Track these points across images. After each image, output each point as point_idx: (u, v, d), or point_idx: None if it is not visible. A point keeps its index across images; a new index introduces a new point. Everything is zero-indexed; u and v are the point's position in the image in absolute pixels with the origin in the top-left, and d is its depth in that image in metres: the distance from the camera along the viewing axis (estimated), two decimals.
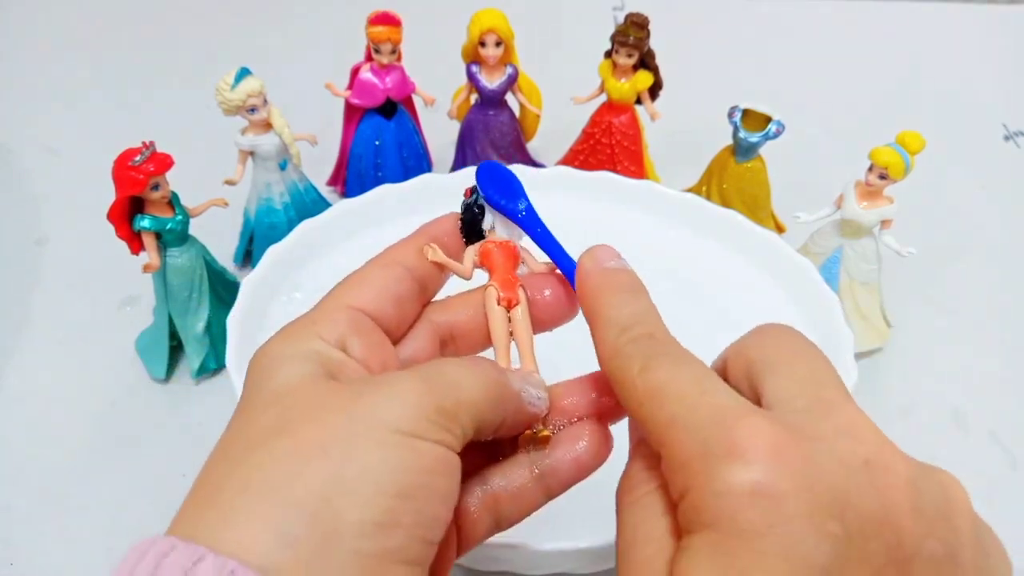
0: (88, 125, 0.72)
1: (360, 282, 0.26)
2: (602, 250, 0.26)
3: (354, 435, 0.20)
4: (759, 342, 0.23)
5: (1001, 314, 0.57)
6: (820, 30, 0.91)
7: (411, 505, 0.20)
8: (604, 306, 0.24)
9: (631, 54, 0.56)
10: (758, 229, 0.51)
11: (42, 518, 0.43)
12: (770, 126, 0.53)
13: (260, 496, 0.19)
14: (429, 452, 0.21)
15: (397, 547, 0.20)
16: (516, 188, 0.29)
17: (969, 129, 0.75)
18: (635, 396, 0.21)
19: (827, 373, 0.22)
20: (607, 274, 0.25)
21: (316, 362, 0.23)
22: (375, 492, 0.19)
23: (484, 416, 0.23)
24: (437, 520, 0.21)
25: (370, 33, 0.55)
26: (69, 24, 0.88)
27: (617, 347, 0.23)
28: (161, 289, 0.48)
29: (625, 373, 0.22)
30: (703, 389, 0.21)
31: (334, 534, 0.19)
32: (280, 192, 0.54)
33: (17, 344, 0.52)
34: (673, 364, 0.22)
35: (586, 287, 0.25)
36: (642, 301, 0.25)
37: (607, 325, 0.24)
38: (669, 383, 0.21)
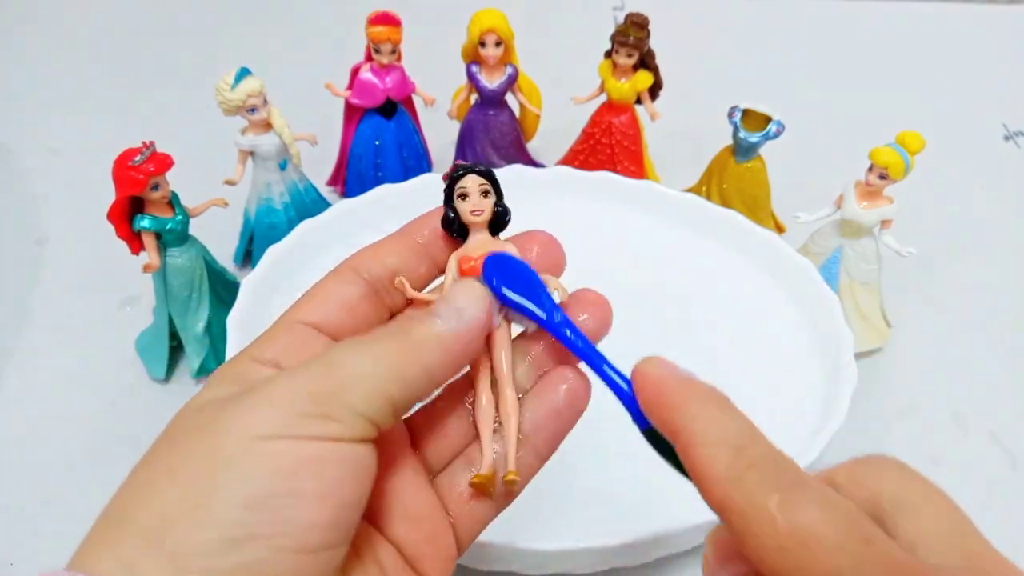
0: (88, 125, 0.72)
1: (309, 296, 0.25)
2: (661, 360, 0.23)
3: (210, 453, 0.19)
4: (884, 475, 0.21)
5: (1001, 314, 0.57)
6: (820, 30, 0.91)
7: (265, 516, 0.19)
8: (701, 421, 0.21)
9: (631, 54, 0.56)
10: (758, 229, 0.51)
11: (42, 518, 0.43)
12: (770, 126, 0.53)
13: (108, 527, 0.19)
14: (294, 452, 0.20)
15: (257, 560, 0.19)
16: (534, 282, 0.25)
17: (969, 129, 0.75)
18: (772, 538, 0.18)
19: (964, 519, 0.20)
20: (688, 382, 0.22)
21: (233, 384, 0.22)
22: (219, 508, 0.19)
23: (386, 385, 0.21)
24: (312, 524, 0.20)
25: (370, 33, 0.55)
26: (69, 24, 0.88)
27: (736, 472, 0.19)
28: (161, 289, 0.48)
29: (758, 507, 0.19)
30: (866, 537, 0.18)
31: (178, 556, 0.18)
32: (280, 192, 0.54)
33: (17, 344, 0.52)
34: (821, 501, 0.18)
35: (667, 397, 0.22)
36: (741, 415, 0.22)
37: (714, 444, 0.20)
38: (823, 527, 0.18)
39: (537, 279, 0.25)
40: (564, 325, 0.24)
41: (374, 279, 0.25)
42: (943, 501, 0.20)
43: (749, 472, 0.19)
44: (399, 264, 0.26)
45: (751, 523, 0.19)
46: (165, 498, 0.19)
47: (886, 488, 0.20)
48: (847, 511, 0.18)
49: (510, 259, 0.25)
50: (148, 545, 0.18)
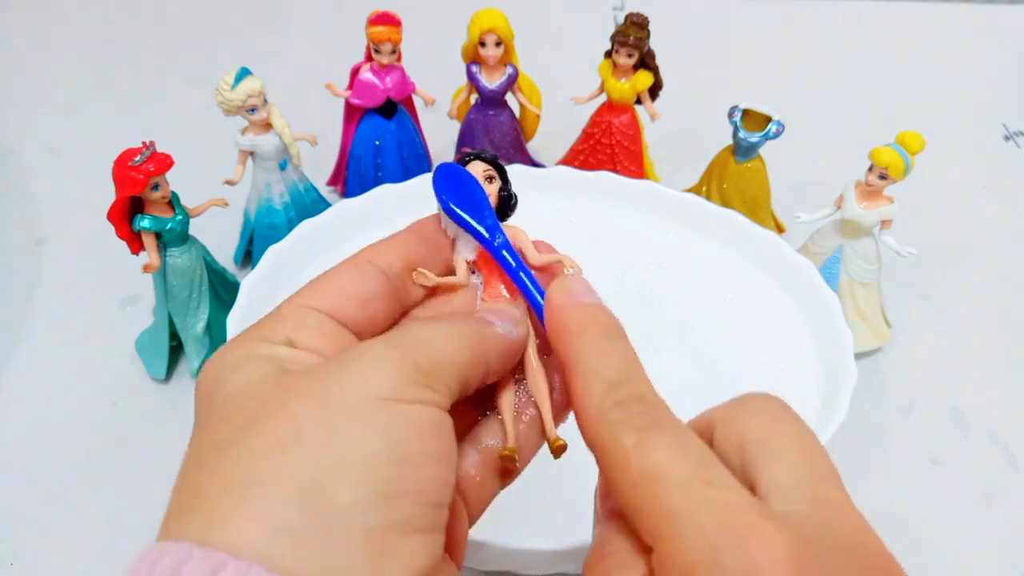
0: (88, 125, 0.72)
1: (322, 282, 0.24)
2: (575, 282, 0.23)
3: (329, 415, 0.19)
4: (754, 418, 0.21)
5: (1001, 314, 0.57)
6: (820, 30, 0.91)
7: (410, 471, 0.19)
8: (585, 353, 0.21)
9: (631, 54, 0.56)
10: (758, 229, 0.51)
11: (42, 518, 0.43)
12: (770, 126, 0.53)
13: (243, 494, 0.18)
14: (417, 415, 0.20)
15: (407, 517, 0.19)
16: (481, 200, 0.26)
17: (969, 129, 0.75)
18: (627, 475, 0.19)
19: (824, 463, 0.21)
20: (585, 312, 0.22)
21: (266, 361, 0.21)
22: (367, 465, 0.19)
23: (465, 368, 0.22)
24: (441, 482, 0.20)
25: (370, 33, 0.55)
26: (69, 24, 0.88)
27: (604, 410, 0.20)
28: (161, 289, 0.48)
29: (616, 445, 0.20)
30: (708, 479, 0.19)
31: (334, 516, 0.18)
32: (280, 192, 0.54)
33: (17, 344, 0.52)
34: (672, 442, 0.19)
35: (561, 325, 0.22)
36: (626, 350, 0.22)
37: (590, 378, 0.21)
38: (669, 466, 0.19)
39: (484, 197, 0.25)
40: (502, 247, 0.25)
41: (392, 273, 0.25)
42: (807, 444, 0.21)
43: (615, 410, 0.20)
44: (415, 258, 0.26)
45: (610, 460, 0.20)
46: (303, 460, 0.18)
47: (753, 430, 0.21)
48: (696, 452, 0.19)
49: (460, 172, 0.26)
50: (302, 504, 0.18)
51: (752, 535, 0.17)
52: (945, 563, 0.43)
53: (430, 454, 0.20)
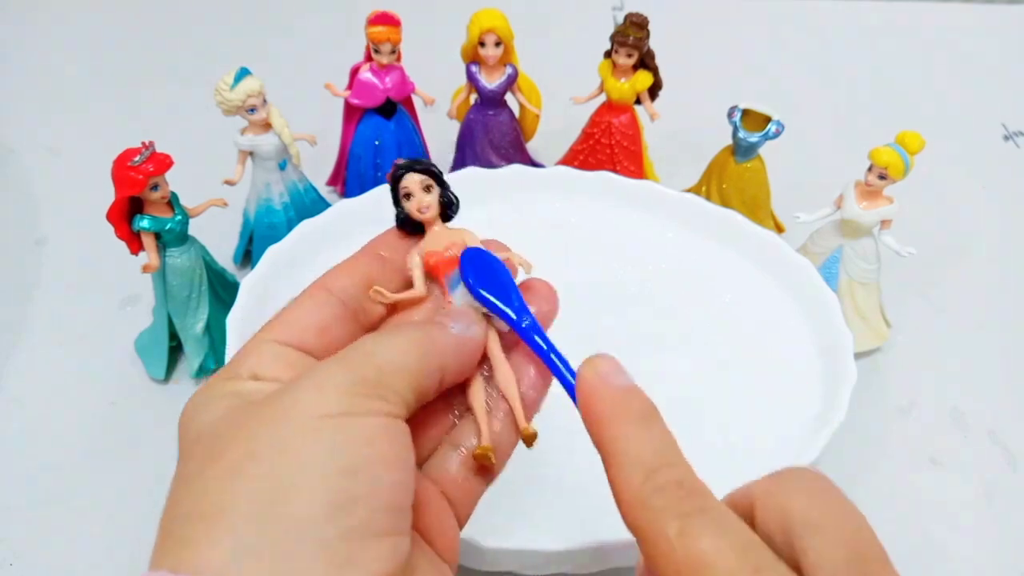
0: (88, 125, 0.72)
1: (282, 315, 0.25)
2: (605, 362, 0.23)
3: (281, 436, 0.20)
4: (798, 494, 0.21)
5: (1001, 314, 0.57)
6: (820, 30, 0.91)
7: (363, 479, 0.20)
8: (621, 440, 0.21)
9: (631, 54, 0.56)
10: (758, 229, 0.51)
11: (42, 518, 0.43)
12: (770, 126, 0.53)
13: (205, 522, 0.19)
14: (365, 425, 0.21)
15: (364, 523, 0.19)
16: (508, 283, 0.26)
17: (969, 129, 0.75)
18: (672, 564, 0.19)
19: (874, 543, 0.20)
20: (619, 396, 0.22)
21: (230, 396, 0.22)
22: (319, 477, 0.19)
23: (417, 374, 0.23)
24: (396, 486, 0.21)
25: (370, 33, 0.55)
26: (69, 24, 0.88)
27: (644, 496, 0.20)
28: (161, 289, 0.48)
29: (659, 533, 0.19)
30: (756, 566, 0.18)
31: (290, 531, 0.19)
32: (280, 192, 0.54)
33: (17, 344, 0.52)
34: (716, 529, 0.19)
35: (595, 411, 0.22)
36: (663, 433, 0.22)
37: (628, 465, 0.21)
38: (715, 556, 0.19)
39: (510, 279, 0.26)
40: (532, 330, 0.25)
41: (347, 297, 0.26)
42: (855, 523, 0.20)
43: (655, 496, 0.20)
44: (372, 277, 0.26)
45: (653, 548, 0.20)
46: (259, 480, 0.19)
47: (797, 507, 0.20)
48: (742, 539, 0.19)
49: (485, 256, 0.26)
50: (258, 524, 0.19)
51: None
52: (945, 563, 0.43)
53: (383, 461, 0.20)
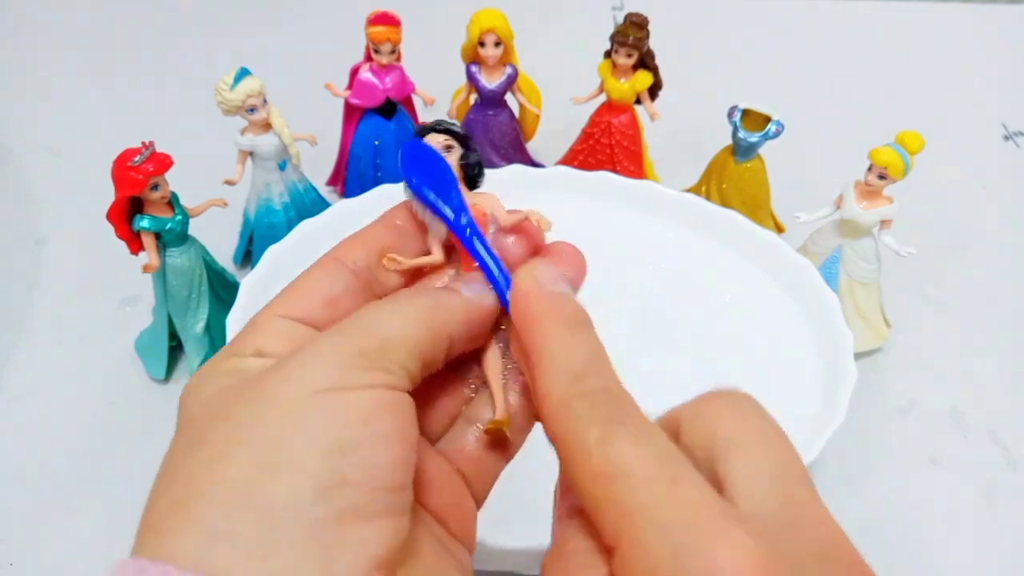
0: (88, 125, 0.72)
1: (290, 288, 0.24)
2: (543, 269, 0.22)
3: (267, 416, 0.19)
4: (723, 414, 0.21)
5: (1001, 314, 0.57)
6: (820, 30, 0.91)
7: (355, 458, 0.19)
8: (551, 342, 0.21)
9: (631, 54, 0.56)
10: (758, 229, 0.51)
11: (42, 518, 0.43)
12: (770, 126, 0.53)
13: (182, 508, 0.18)
14: (360, 399, 0.20)
15: (355, 504, 0.19)
16: (448, 180, 0.25)
17: (969, 129, 0.75)
18: (588, 470, 0.18)
19: (795, 464, 0.20)
20: (552, 301, 0.22)
21: (227, 375, 0.22)
22: (306, 458, 0.19)
23: (422, 343, 0.21)
24: (394, 463, 0.20)
25: (370, 33, 0.55)
26: (69, 24, 0.88)
27: (567, 401, 0.19)
28: (161, 289, 0.48)
29: (578, 439, 0.19)
30: (672, 476, 0.18)
31: (274, 513, 0.18)
32: (280, 192, 0.54)
33: (17, 344, 0.52)
34: (637, 437, 0.19)
35: (526, 314, 0.21)
36: (592, 341, 0.21)
37: (555, 368, 0.20)
38: (633, 462, 0.18)
39: (451, 176, 0.24)
40: (468, 227, 0.24)
41: (360, 268, 0.24)
42: (778, 444, 0.20)
43: (579, 402, 0.19)
44: (385, 248, 0.25)
45: (572, 455, 0.19)
46: (240, 464, 0.18)
47: (721, 428, 0.20)
48: (661, 449, 0.19)
49: (427, 151, 0.25)
50: (233, 509, 0.18)
51: (718, 538, 0.17)
52: (945, 563, 0.43)
53: (379, 437, 0.20)
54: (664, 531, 0.17)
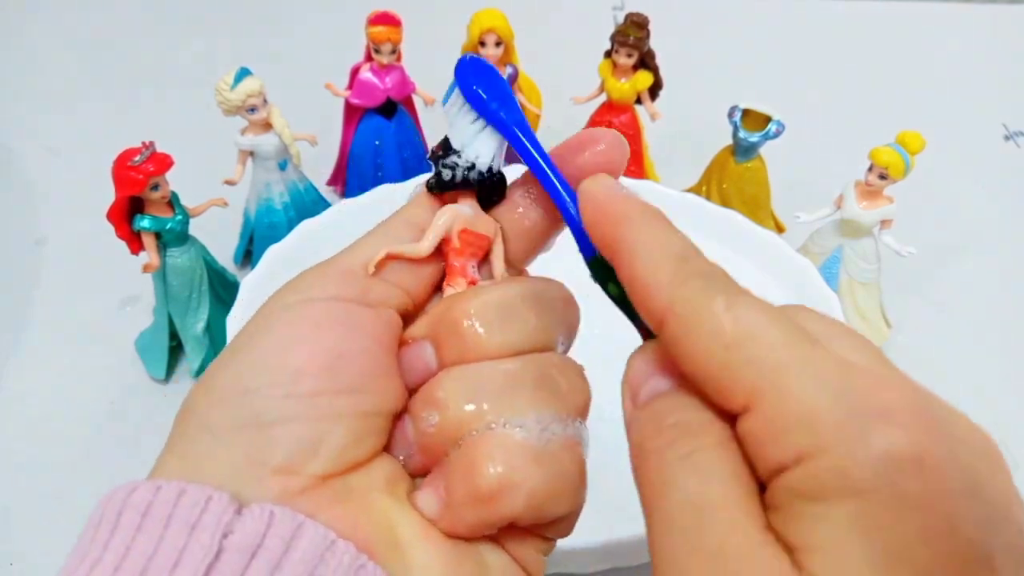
0: (88, 125, 0.72)
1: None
2: (607, 177, 0.22)
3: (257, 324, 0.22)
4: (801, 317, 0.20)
5: (1001, 314, 0.57)
6: (820, 30, 0.91)
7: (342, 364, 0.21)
8: (646, 234, 0.20)
9: (631, 54, 0.56)
10: (758, 229, 0.51)
11: (42, 518, 0.43)
12: (770, 126, 0.53)
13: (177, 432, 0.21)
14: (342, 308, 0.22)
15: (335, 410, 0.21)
16: (508, 92, 0.25)
17: (969, 129, 0.75)
18: (721, 337, 0.18)
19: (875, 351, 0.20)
20: (631, 200, 0.21)
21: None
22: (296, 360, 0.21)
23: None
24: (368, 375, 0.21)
25: (370, 33, 0.55)
26: (69, 24, 0.88)
27: (680, 280, 0.19)
28: (161, 289, 0.48)
29: (703, 307, 0.18)
30: (811, 340, 0.17)
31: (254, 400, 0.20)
32: (280, 192, 0.54)
33: (17, 344, 0.52)
34: (763, 306, 0.18)
35: (608, 214, 0.21)
36: (682, 233, 0.21)
37: (657, 255, 0.20)
38: (768, 325, 0.18)
39: (510, 91, 0.25)
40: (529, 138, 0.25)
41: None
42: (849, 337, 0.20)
43: (694, 278, 0.19)
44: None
45: (696, 324, 0.18)
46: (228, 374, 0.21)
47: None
48: (787, 318, 0.18)
49: (484, 66, 0.24)
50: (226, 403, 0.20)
51: (883, 382, 0.17)
52: None
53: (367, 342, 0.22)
54: (820, 381, 0.17)
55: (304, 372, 0.20)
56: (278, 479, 0.20)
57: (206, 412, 0.21)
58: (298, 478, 0.20)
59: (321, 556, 0.18)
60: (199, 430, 0.20)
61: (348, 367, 0.21)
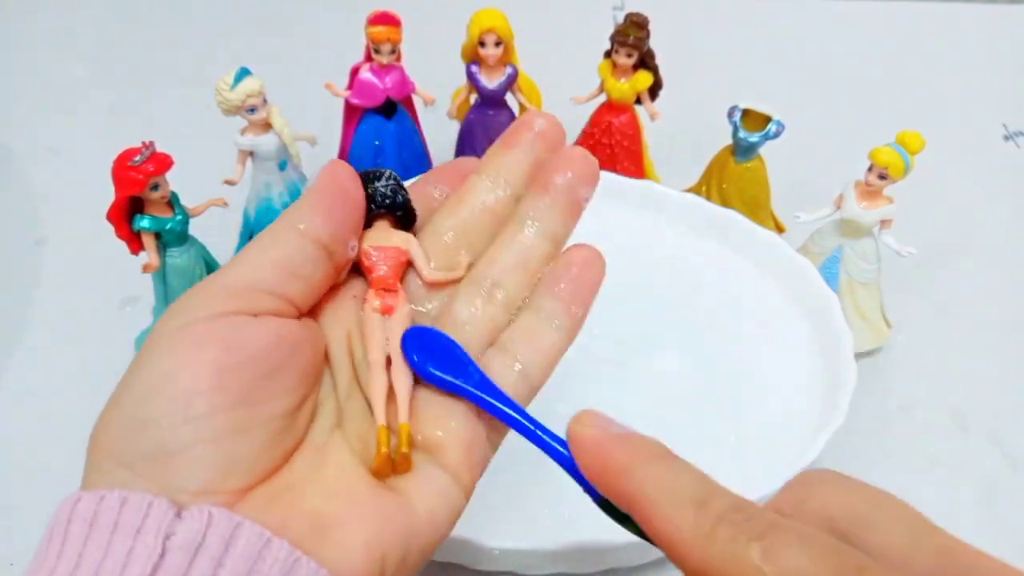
0: (88, 125, 0.72)
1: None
2: (593, 416, 0.22)
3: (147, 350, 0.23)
4: (828, 496, 0.20)
5: (1001, 314, 0.57)
6: (820, 30, 0.91)
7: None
8: (653, 484, 0.20)
9: (631, 54, 0.56)
10: (758, 229, 0.51)
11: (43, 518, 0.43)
12: (770, 126, 0.53)
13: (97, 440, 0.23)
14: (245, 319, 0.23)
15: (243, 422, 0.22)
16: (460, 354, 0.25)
17: (969, 129, 0.75)
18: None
19: (919, 516, 0.19)
20: (629, 442, 0.21)
21: None
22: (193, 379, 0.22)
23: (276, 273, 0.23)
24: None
25: (370, 33, 0.55)
26: (69, 24, 0.88)
27: (706, 530, 0.19)
28: (161, 289, 0.48)
29: (739, 562, 0.18)
30: (856, 566, 0.17)
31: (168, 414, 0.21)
32: (280, 192, 0.54)
33: (17, 344, 0.52)
34: (800, 540, 0.18)
35: (612, 462, 0.21)
36: (689, 467, 0.21)
37: (675, 503, 0.19)
38: (811, 567, 0.17)
39: (462, 353, 0.24)
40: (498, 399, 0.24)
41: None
42: (893, 503, 0.20)
43: (719, 527, 0.19)
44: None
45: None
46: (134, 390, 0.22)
47: (834, 508, 0.19)
48: (828, 545, 0.18)
49: (431, 334, 0.25)
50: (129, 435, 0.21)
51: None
52: None
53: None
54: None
55: (195, 393, 0.21)
56: (201, 499, 0.20)
57: (113, 446, 0.21)
58: (220, 496, 0.21)
59: (259, 553, 0.19)
60: (112, 463, 0.21)
61: (236, 379, 0.21)
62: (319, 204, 0.25)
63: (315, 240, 0.24)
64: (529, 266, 0.27)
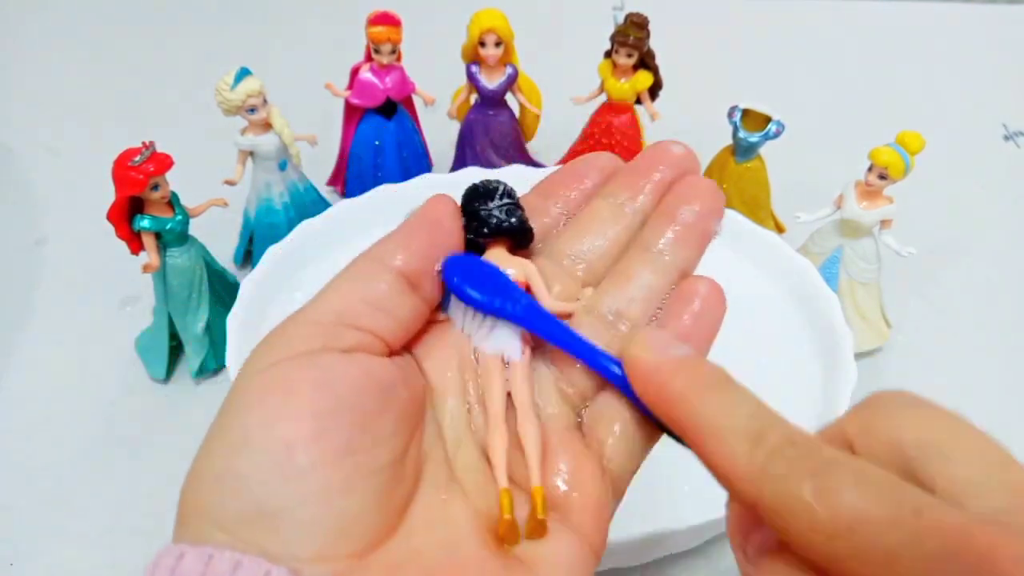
0: (88, 125, 0.72)
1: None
2: (654, 336, 0.21)
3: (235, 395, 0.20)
4: (902, 419, 0.19)
5: (1001, 314, 0.57)
6: (820, 30, 0.91)
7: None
8: (708, 414, 0.19)
9: (631, 54, 0.56)
10: (758, 229, 0.51)
11: (42, 518, 0.43)
12: (770, 126, 0.53)
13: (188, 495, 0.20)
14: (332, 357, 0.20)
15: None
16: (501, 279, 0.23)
17: (969, 129, 0.75)
18: (819, 530, 0.17)
19: (998, 450, 0.18)
20: (687, 367, 0.20)
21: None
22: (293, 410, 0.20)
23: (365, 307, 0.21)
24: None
25: (370, 33, 0.55)
26: (69, 24, 0.88)
27: (760, 466, 0.18)
28: (161, 289, 0.48)
29: (792, 500, 0.17)
30: (913, 508, 0.16)
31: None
32: (280, 192, 0.54)
33: (17, 344, 0.52)
34: (856, 479, 0.17)
35: (667, 389, 0.20)
36: (748, 395, 0.20)
37: (728, 438, 0.19)
38: (867, 508, 0.16)
39: (505, 279, 0.23)
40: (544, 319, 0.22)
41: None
42: (971, 434, 0.18)
43: (773, 462, 0.18)
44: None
45: (789, 517, 0.17)
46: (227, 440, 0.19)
47: (907, 434, 0.18)
48: (886, 483, 0.17)
49: (472, 262, 0.23)
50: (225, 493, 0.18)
51: (996, 552, 0.15)
52: None
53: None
54: (930, 564, 0.16)
55: (293, 445, 0.18)
56: (317, 567, 0.18)
57: (206, 505, 0.19)
58: (337, 562, 0.18)
59: None
60: (207, 524, 0.18)
61: (335, 425, 0.19)
62: (406, 236, 0.23)
63: (398, 273, 0.22)
64: (654, 300, 0.25)
